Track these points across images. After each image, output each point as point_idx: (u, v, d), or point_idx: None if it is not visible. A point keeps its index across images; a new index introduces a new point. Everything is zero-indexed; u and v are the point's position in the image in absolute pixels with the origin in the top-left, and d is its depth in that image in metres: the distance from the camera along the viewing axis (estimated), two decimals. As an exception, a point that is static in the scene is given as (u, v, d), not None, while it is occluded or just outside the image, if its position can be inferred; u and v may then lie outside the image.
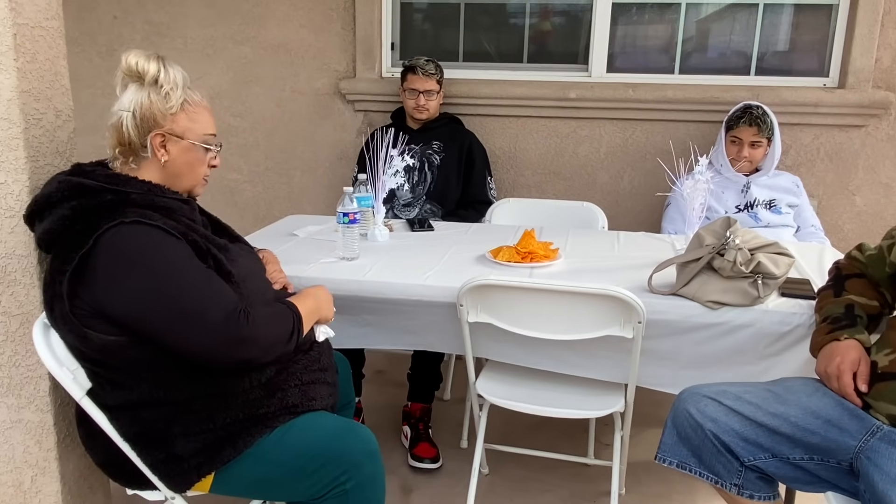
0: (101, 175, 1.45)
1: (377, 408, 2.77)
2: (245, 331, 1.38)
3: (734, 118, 2.73)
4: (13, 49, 1.52)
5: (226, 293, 1.42)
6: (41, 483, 1.76)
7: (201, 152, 1.54)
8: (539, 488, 2.32)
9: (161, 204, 1.45)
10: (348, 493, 1.45)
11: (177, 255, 1.39)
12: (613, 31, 3.19)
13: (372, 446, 1.50)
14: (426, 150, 3.00)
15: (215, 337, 1.36)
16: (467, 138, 3.07)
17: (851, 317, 1.57)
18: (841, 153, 3.06)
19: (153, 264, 1.36)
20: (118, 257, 1.35)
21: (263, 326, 1.43)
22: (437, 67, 2.99)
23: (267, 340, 1.43)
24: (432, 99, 2.99)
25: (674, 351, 1.82)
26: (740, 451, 1.49)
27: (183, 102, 1.51)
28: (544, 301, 1.79)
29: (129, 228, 1.36)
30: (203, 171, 1.57)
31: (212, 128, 1.57)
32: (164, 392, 1.43)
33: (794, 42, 3.11)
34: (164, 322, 1.35)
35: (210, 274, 1.43)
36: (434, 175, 2.97)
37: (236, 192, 3.62)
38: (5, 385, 1.71)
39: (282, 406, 1.49)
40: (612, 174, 3.26)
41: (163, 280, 1.35)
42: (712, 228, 1.84)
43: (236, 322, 1.38)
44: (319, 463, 1.45)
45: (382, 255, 2.15)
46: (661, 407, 2.73)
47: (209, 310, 1.37)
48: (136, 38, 3.52)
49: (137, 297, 1.35)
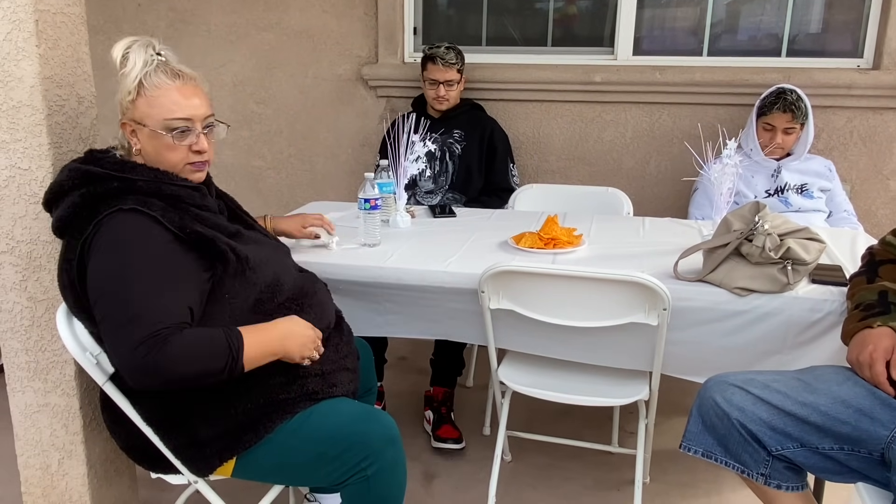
0: (110, 162, 1.44)
1: (399, 394, 2.77)
2: (152, 360, 1.28)
3: (767, 104, 2.63)
4: (35, 35, 1.53)
5: (169, 310, 1.33)
6: (68, 466, 1.79)
7: (167, 138, 1.44)
8: (562, 476, 2.31)
9: (168, 192, 1.43)
10: (369, 478, 1.45)
11: (148, 256, 1.35)
12: (640, 13, 3.12)
13: (393, 432, 1.49)
14: (447, 140, 2.96)
15: (126, 355, 1.29)
16: (489, 125, 3.03)
17: (885, 304, 1.52)
18: (875, 136, 2.97)
19: (122, 258, 1.34)
20: (100, 244, 1.35)
21: (181, 357, 1.31)
22: (457, 56, 2.93)
23: (181, 372, 1.31)
24: (452, 89, 2.94)
25: (700, 339, 1.78)
26: (768, 441, 1.46)
27: (138, 87, 1.42)
28: (567, 287, 1.77)
29: (122, 216, 1.36)
30: (178, 156, 1.46)
31: (180, 111, 1.43)
32: None
33: (827, 22, 3.02)
34: (100, 311, 1.33)
35: (173, 284, 1.36)
36: (455, 165, 2.94)
37: (260, 179, 3.63)
38: (32, 369, 1.74)
39: (302, 392, 1.49)
40: (637, 159, 3.21)
41: (122, 272, 1.33)
42: (740, 213, 1.80)
43: (147, 349, 1.28)
44: (341, 449, 1.44)
45: (404, 242, 2.14)
46: (686, 395, 2.69)
47: (138, 325, 1.29)
48: (160, 26, 3.53)
49: (97, 278, 1.34)
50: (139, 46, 1.44)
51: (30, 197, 1.61)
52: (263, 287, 1.49)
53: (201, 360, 1.34)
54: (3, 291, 1.69)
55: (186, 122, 1.45)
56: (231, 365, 1.36)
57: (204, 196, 1.51)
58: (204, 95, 1.50)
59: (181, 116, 1.44)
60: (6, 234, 1.64)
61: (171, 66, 1.47)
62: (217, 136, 1.55)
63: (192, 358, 1.33)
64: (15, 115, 1.57)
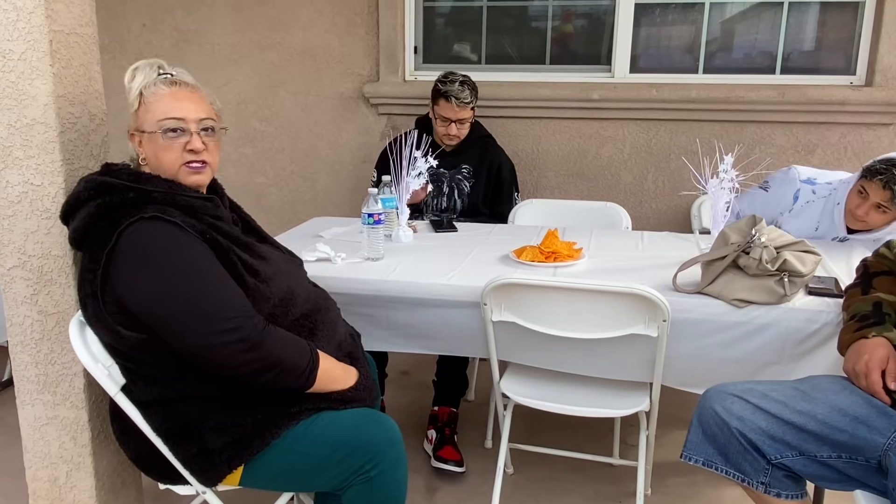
0: (126, 174, 1.48)
1: (400, 409, 2.78)
2: (257, 335, 1.39)
3: (873, 169, 2.18)
4: (49, 55, 1.57)
5: (241, 298, 1.43)
6: (76, 478, 1.81)
7: (162, 139, 1.48)
8: (564, 488, 2.32)
9: (183, 203, 1.46)
10: (372, 479, 1.47)
11: (194, 255, 1.41)
12: (636, 31, 3.19)
13: (394, 434, 1.52)
14: (455, 175, 2.87)
15: (225, 337, 1.37)
16: (497, 158, 2.93)
17: (880, 314, 1.56)
18: (868, 152, 3.02)
19: (170, 262, 1.38)
20: (135, 253, 1.38)
21: (279, 342, 1.43)
22: (472, 92, 2.75)
23: (276, 354, 1.42)
24: (464, 127, 2.81)
25: (699, 350, 1.81)
26: (767, 450, 1.48)
27: (139, 96, 1.51)
28: (568, 300, 1.80)
29: (147, 224, 1.39)
30: (173, 157, 1.49)
31: (173, 112, 1.48)
32: (197, 388, 1.46)
33: (820, 40, 3.08)
34: (174, 321, 1.37)
35: (227, 278, 1.43)
36: (464, 203, 2.88)
37: (262, 196, 3.67)
38: (42, 382, 1.76)
39: (313, 406, 1.51)
40: (635, 175, 3.25)
41: (179, 279, 1.37)
42: (737, 227, 1.84)
43: (247, 324, 1.39)
44: (345, 452, 1.47)
45: (406, 256, 2.17)
46: (684, 407, 2.71)
47: (223, 310, 1.38)
48: (164, 45, 3.59)
49: (152, 294, 1.37)
50: (146, 65, 1.53)
51: (42, 212, 1.64)
52: (277, 301, 1.52)
53: (296, 350, 1.47)
54: (14, 305, 1.71)
55: (179, 122, 1.49)
56: (311, 368, 1.47)
57: (217, 207, 1.54)
58: (200, 100, 1.54)
59: (173, 116, 1.49)
60: (18, 248, 1.67)
61: (171, 78, 1.53)
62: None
63: (289, 347, 1.46)
64: (29, 132, 1.60)
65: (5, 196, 1.64)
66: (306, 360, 1.47)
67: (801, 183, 2.40)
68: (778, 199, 2.44)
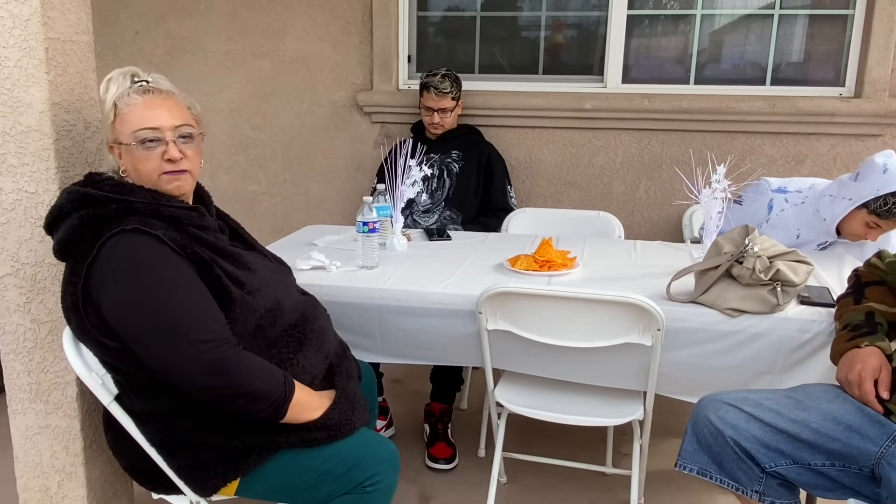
0: (109, 185, 1.45)
1: (394, 417, 2.78)
2: (226, 362, 1.35)
3: (888, 210, 2.13)
4: (45, 62, 1.57)
5: (214, 320, 1.38)
6: (68, 488, 1.79)
7: (139, 150, 1.45)
8: (557, 497, 2.32)
9: (167, 213, 1.44)
10: (366, 495, 1.47)
11: (171, 270, 1.38)
12: (628, 42, 3.21)
13: (397, 459, 1.53)
14: (445, 159, 3.02)
15: (193, 358, 1.33)
16: (486, 149, 3.09)
17: (872, 324, 1.57)
18: (857, 163, 3.05)
19: (144, 276, 1.36)
20: (113, 266, 1.36)
21: (248, 368, 1.39)
22: (452, 84, 2.98)
23: (246, 383, 1.37)
24: (447, 116, 3.00)
25: (693, 359, 1.82)
26: (761, 458, 1.49)
27: (114, 108, 1.47)
28: (563, 309, 1.81)
29: (128, 237, 1.37)
30: (151, 167, 1.46)
31: (147, 121, 1.45)
32: (185, 405, 1.42)
33: (810, 52, 3.12)
34: (144, 337, 1.35)
35: (204, 298, 1.40)
36: (453, 182, 3.00)
37: (255, 204, 3.67)
38: (34, 391, 1.74)
39: (306, 427, 1.49)
40: (627, 184, 3.27)
41: (152, 294, 1.35)
42: (730, 237, 1.85)
43: (218, 348, 1.35)
44: (347, 466, 1.47)
45: (401, 264, 2.18)
46: (677, 417, 2.73)
47: (191, 330, 1.34)
48: (157, 53, 3.58)
49: (125, 308, 1.35)
50: (119, 75, 1.50)
51: (36, 220, 1.63)
52: (263, 312, 1.49)
53: (267, 378, 1.41)
54: (6, 313, 1.70)
55: (154, 132, 1.45)
56: (283, 399, 1.42)
57: (202, 216, 1.51)
58: (175, 107, 1.50)
59: (147, 126, 1.45)
60: (11, 256, 1.66)
61: (144, 86, 1.49)
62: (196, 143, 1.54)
63: (260, 374, 1.41)
64: (23, 139, 1.60)
65: (-1, 203, 1.64)
66: (279, 392, 1.41)
67: (773, 193, 2.44)
68: (753, 211, 2.47)
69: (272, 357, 1.49)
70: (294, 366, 1.52)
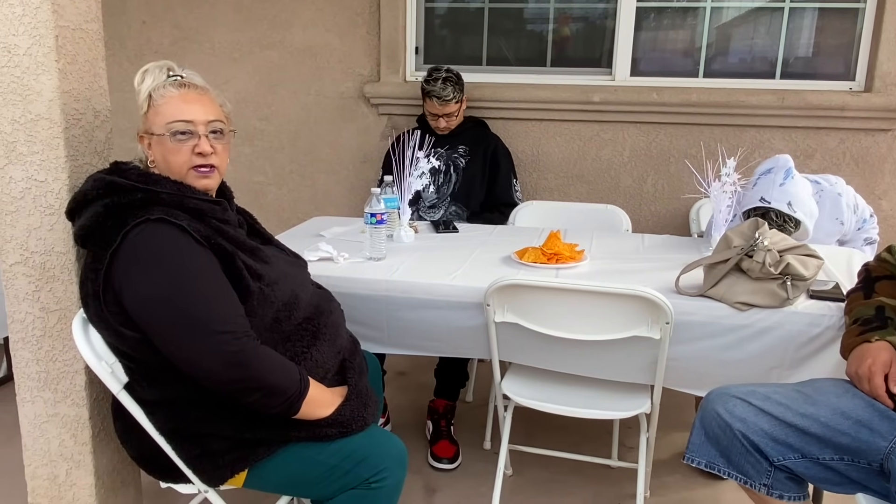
0: (135, 174, 1.47)
1: (398, 409, 2.78)
2: (245, 355, 1.36)
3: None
4: (55, 51, 1.56)
5: (236, 313, 1.40)
6: (76, 476, 1.80)
7: (171, 142, 1.47)
8: (563, 490, 2.32)
9: (191, 205, 1.45)
10: (372, 491, 1.47)
11: (194, 261, 1.39)
12: (637, 35, 3.19)
13: (405, 456, 1.53)
14: (451, 154, 3.01)
15: (213, 349, 1.34)
16: (492, 142, 3.07)
17: (882, 318, 1.56)
18: (867, 157, 3.04)
19: (168, 267, 1.36)
20: (136, 254, 1.37)
21: (265, 363, 1.39)
22: (454, 87, 2.90)
23: (263, 377, 1.38)
24: (453, 119, 2.98)
25: (701, 353, 1.82)
26: (769, 451, 1.49)
27: (149, 99, 1.50)
28: (571, 301, 1.80)
29: (153, 226, 1.38)
30: (181, 159, 1.48)
31: (181, 114, 1.47)
32: (198, 394, 1.43)
33: (820, 45, 3.10)
34: (165, 327, 1.35)
35: (226, 290, 1.41)
36: (459, 176, 2.99)
37: (261, 195, 3.67)
38: (42, 380, 1.75)
39: (318, 422, 1.49)
40: (635, 177, 3.26)
41: (175, 285, 1.35)
42: (740, 230, 1.84)
43: (237, 340, 1.35)
44: (355, 462, 1.47)
45: (409, 256, 2.17)
46: (682, 410, 2.73)
47: (213, 321, 1.35)
48: (164, 43, 3.58)
49: (148, 297, 1.36)
50: (155, 67, 1.53)
51: (45, 208, 1.63)
52: (281, 305, 1.50)
53: (284, 372, 1.42)
54: (15, 302, 1.70)
55: (188, 125, 1.48)
56: (298, 396, 1.42)
57: (225, 210, 1.53)
58: (210, 103, 1.53)
59: (182, 119, 1.47)
60: (20, 244, 1.66)
61: (181, 80, 1.52)
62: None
63: (277, 367, 1.42)
64: (33, 128, 1.59)
65: (8, 192, 1.64)
66: (294, 389, 1.42)
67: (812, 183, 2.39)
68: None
69: (286, 350, 1.49)
70: (307, 360, 1.52)
